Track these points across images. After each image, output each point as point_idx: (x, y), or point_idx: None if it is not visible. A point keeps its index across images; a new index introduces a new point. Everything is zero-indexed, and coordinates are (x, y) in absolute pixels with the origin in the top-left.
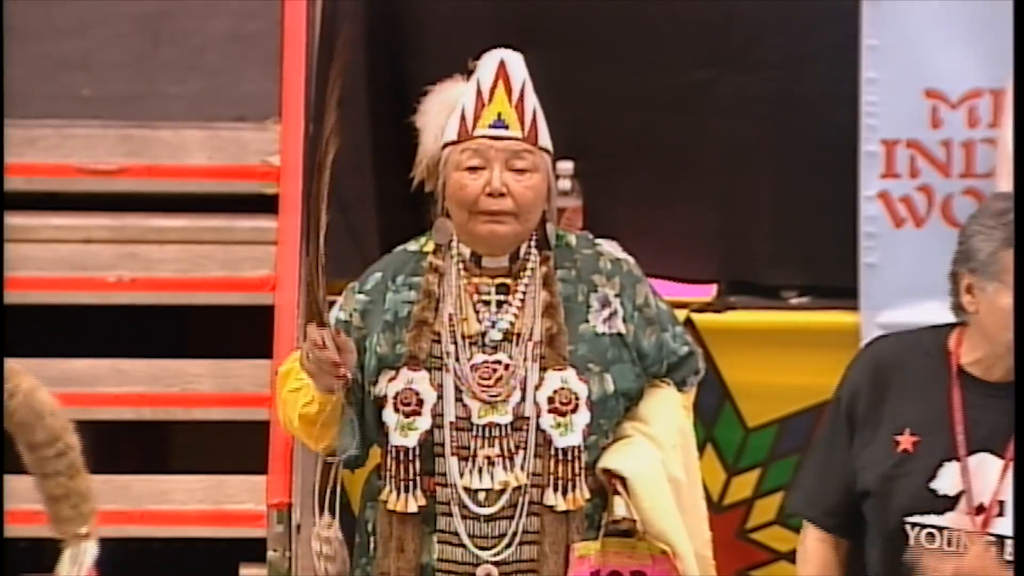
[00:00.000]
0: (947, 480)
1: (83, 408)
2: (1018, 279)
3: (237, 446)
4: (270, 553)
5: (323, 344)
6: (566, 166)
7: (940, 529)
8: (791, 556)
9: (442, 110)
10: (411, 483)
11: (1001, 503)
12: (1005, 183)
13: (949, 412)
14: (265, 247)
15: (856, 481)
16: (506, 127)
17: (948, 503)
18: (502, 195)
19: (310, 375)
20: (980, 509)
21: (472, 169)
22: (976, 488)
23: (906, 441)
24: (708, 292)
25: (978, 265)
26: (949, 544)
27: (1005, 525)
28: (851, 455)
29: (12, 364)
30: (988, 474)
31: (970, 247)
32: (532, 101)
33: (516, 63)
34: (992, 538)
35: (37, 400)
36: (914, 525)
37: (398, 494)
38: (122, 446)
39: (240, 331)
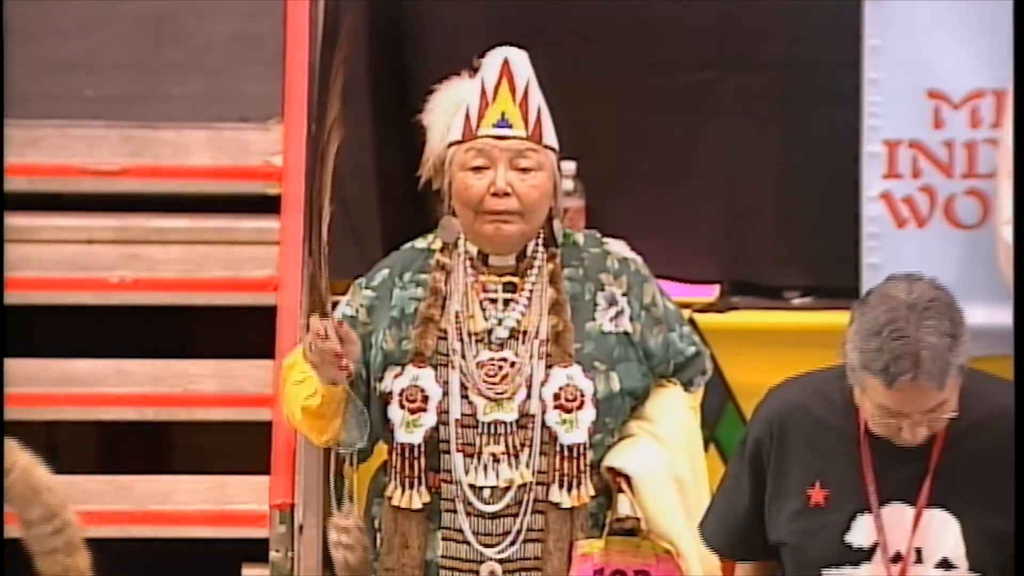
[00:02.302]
0: (861, 533)
1: (85, 409)
2: (1018, 282)
3: (239, 447)
4: (273, 554)
5: (326, 335)
6: (569, 166)
7: None
8: None
9: (448, 108)
10: (416, 480)
11: (918, 551)
12: (1006, 184)
13: (859, 465)
14: (267, 248)
15: (760, 523)
16: (510, 126)
17: (863, 555)
18: (507, 195)
19: (313, 367)
20: (897, 558)
21: (477, 169)
22: (891, 538)
23: (817, 495)
24: (711, 292)
25: (851, 372)
26: None
27: (927, 572)
28: (754, 501)
29: (10, 442)
30: (903, 523)
31: (847, 350)
32: (537, 99)
33: (521, 61)
34: None
35: (34, 477)
36: None
37: (403, 490)
38: (124, 447)
39: (242, 332)
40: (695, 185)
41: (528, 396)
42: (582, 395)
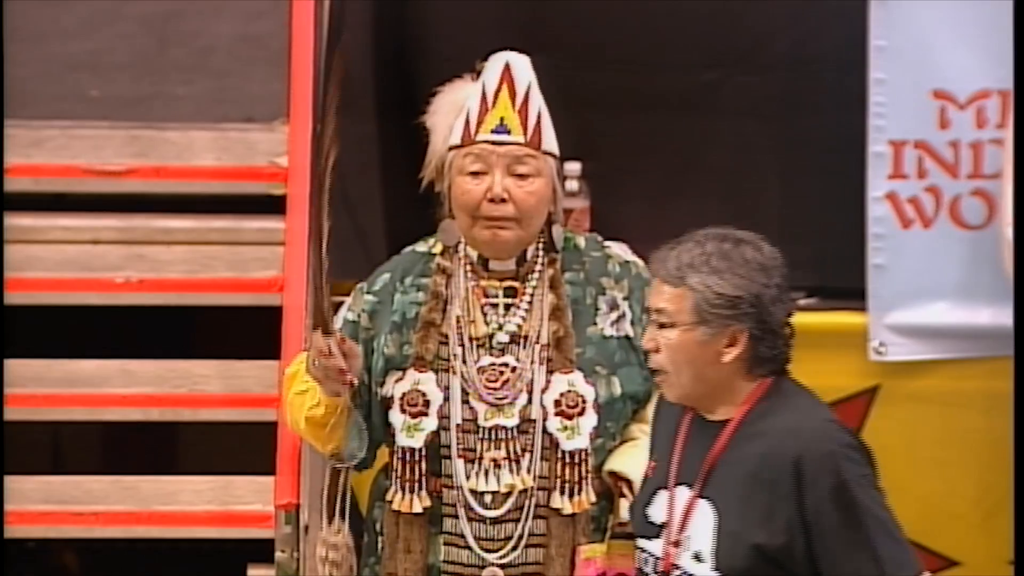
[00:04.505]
0: (658, 508)
1: (91, 409)
2: (1018, 281)
3: (245, 447)
4: (278, 554)
5: (329, 352)
6: (573, 167)
7: (651, 555)
8: None
9: (451, 111)
10: (417, 484)
11: (689, 538)
12: (1011, 184)
13: (673, 442)
14: (273, 248)
15: None
16: (508, 132)
17: (656, 530)
18: (503, 201)
19: (316, 380)
20: (676, 542)
21: (475, 174)
22: (675, 520)
23: (649, 467)
24: None
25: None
26: (656, 571)
27: (686, 560)
28: None
29: None
30: (682, 507)
31: None
32: (537, 105)
33: (522, 66)
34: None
35: None
36: (638, 548)
37: (403, 495)
38: (130, 447)
39: (248, 332)
40: (700, 186)
41: (529, 401)
42: (583, 401)
